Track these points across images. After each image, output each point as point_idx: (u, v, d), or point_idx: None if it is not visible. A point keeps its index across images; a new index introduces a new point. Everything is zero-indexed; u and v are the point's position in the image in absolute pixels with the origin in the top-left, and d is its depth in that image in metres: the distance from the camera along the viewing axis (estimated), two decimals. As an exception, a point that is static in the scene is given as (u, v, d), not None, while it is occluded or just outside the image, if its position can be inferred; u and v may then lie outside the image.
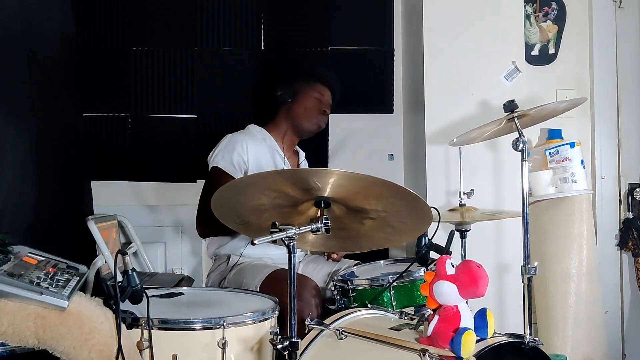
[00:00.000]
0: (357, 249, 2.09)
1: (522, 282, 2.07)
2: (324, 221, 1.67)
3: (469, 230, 2.53)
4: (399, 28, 3.34)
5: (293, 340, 1.60)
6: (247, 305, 1.92)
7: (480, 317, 1.63)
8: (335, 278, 2.27)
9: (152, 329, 1.70)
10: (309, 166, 2.90)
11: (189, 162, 3.19)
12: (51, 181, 2.70)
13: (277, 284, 2.25)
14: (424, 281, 1.67)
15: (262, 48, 3.26)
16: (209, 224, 2.48)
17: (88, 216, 2.79)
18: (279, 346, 1.60)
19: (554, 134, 3.14)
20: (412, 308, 2.12)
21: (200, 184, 2.81)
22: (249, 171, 2.55)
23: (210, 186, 2.49)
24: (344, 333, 1.76)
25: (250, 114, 3.17)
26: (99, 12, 3.20)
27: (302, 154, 2.86)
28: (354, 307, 2.10)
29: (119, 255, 1.67)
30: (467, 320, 1.60)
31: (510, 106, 2.18)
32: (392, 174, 3.28)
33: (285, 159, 2.69)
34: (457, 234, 2.42)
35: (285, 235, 1.58)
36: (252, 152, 2.57)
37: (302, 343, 1.76)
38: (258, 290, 2.33)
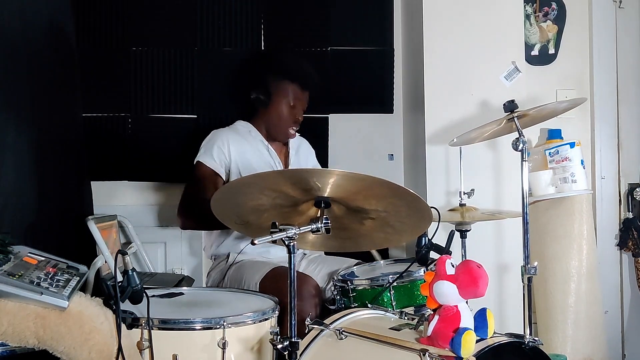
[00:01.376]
0: (357, 249, 2.09)
1: (522, 282, 2.07)
2: (324, 221, 1.67)
3: (469, 230, 2.53)
4: (399, 28, 3.33)
5: (293, 340, 1.60)
6: (247, 305, 1.92)
7: (480, 317, 1.63)
8: (335, 278, 2.27)
9: (152, 329, 1.70)
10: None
11: (189, 162, 3.17)
12: (51, 181, 2.70)
13: (277, 282, 2.26)
14: (424, 281, 1.67)
15: (262, 48, 3.26)
16: (188, 216, 2.54)
17: (88, 216, 2.79)
18: (279, 346, 1.61)
19: (554, 134, 3.14)
20: (412, 308, 2.12)
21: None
22: (232, 164, 2.59)
23: (192, 179, 2.59)
24: (344, 333, 1.76)
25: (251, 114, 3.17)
26: (99, 12, 3.20)
27: (297, 143, 2.81)
28: (354, 307, 2.09)
29: (119, 255, 1.67)
30: (467, 320, 1.60)
31: (510, 106, 2.18)
32: (392, 174, 3.27)
33: (273, 150, 2.69)
34: (457, 234, 2.42)
35: (285, 235, 1.58)
36: (233, 145, 2.60)
37: (302, 343, 1.75)
38: (258, 287, 2.33)
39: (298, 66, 2.76)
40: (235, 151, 2.60)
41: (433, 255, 2.09)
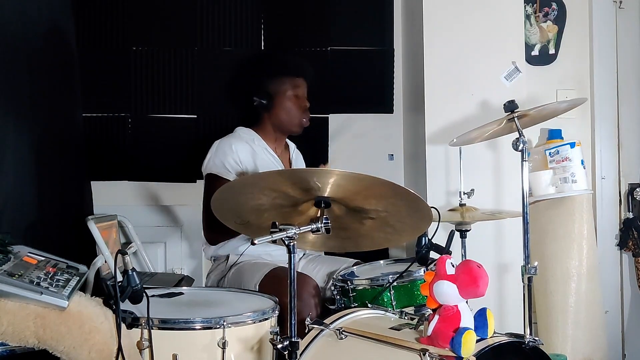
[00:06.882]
0: (357, 249, 2.08)
1: (522, 282, 2.07)
2: (324, 221, 1.67)
3: (469, 230, 2.53)
4: (399, 28, 3.34)
5: (293, 340, 1.60)
6: (247, 305, 1.92)
7: (480, 317, 1.64)
8: (335, 278, 2.27)
9: (152, 329, 1.69)
10: (307, 163, 2.87)
11: (189, 162, 3.17)
12: (51, 181, 2.70)
13: (276, 282, 2.25)
14: (424, 281, 1.67)
15: (262, 48, 3.26)
16: (216, 231, 2.47)
17: (88, 216, 2.79)
18: (279, 346, 1.60)
19: (554, 134, 3.14)
20: (412, 308, 2.12)
21: (200, 183, 2.81)
22: (245, 172, 2.55)
23: (208, 193, 2.49)
24: (344, 333, 1.76)
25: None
26: (99, 12, 3.20)
27: (292, 146, 2.81)
28: (354, 307, 2.10)
29: (119, 255, 1.67)
30: (467, 320, 1.60)
31: (511, 106, 2.17)
32: (392, 174, 3.27)
33: (277, 157, 2.67)
34: (457, 234, 2.42)
35: (285, 235, 1.58)
36: (242, 153, 2.54)
37: (302, 343, 1.76)
38: (257, 288, 2.32)
39: (287, 59, 2.78)
40: (246, 159, 2.54)
41: (433, 255, 2.09)
